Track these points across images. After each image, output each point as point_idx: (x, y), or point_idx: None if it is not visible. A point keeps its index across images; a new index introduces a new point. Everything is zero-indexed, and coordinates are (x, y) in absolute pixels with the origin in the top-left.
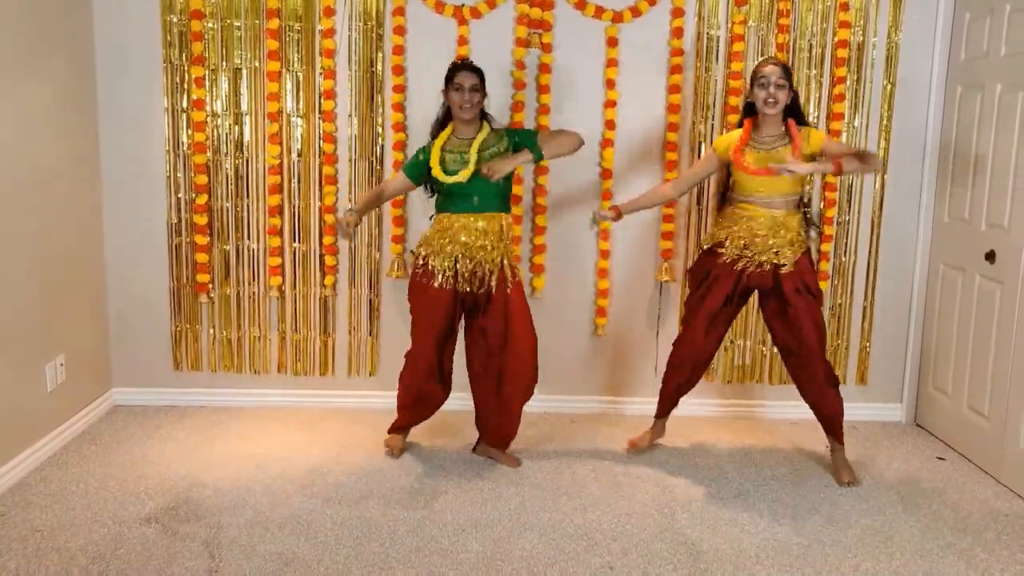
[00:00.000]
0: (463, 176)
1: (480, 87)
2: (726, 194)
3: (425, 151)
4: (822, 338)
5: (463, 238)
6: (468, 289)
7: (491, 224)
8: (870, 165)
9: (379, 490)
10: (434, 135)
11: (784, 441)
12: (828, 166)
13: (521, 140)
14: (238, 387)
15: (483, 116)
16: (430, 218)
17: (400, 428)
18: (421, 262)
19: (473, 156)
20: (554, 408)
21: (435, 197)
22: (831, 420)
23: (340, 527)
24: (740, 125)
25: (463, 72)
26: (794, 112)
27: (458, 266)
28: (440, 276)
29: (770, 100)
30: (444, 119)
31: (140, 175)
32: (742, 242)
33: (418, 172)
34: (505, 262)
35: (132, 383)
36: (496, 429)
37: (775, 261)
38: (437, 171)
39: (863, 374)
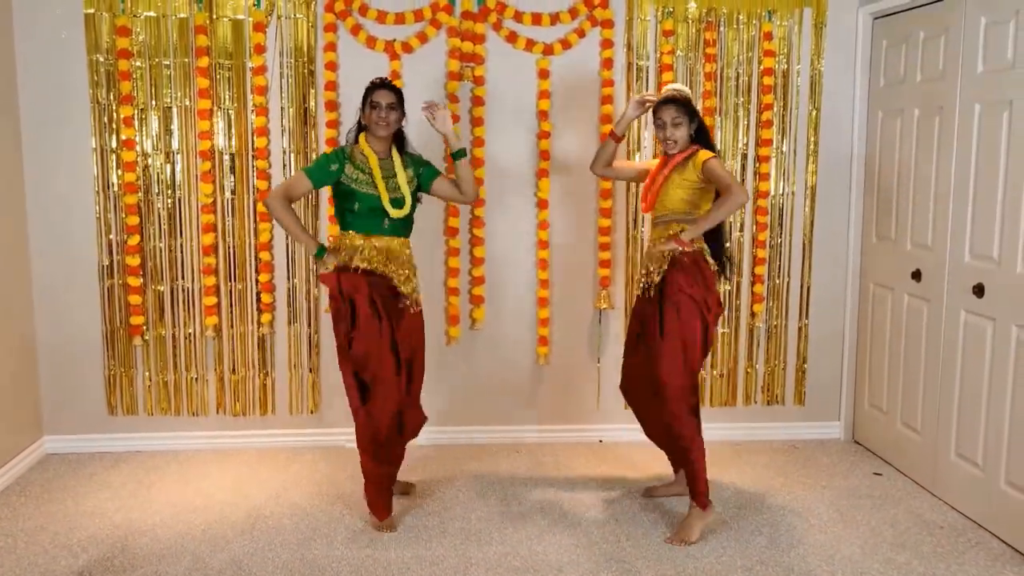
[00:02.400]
0: (405, 211)
1: (397, 106)
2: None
3: (338, 161)
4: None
5: (377, 258)
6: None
7: (402, 248)
8: (727, 205)
9: (322, 530)
10: (350, 154)
11: (726, 464)
12: (693, 232)
13: (424, 173)
14: (175, 430)
15: (399, 138)
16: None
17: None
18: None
19: (406, 190)
20: (497, 438)
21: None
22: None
23: (282, 570)
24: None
25: (380, 90)
26: (701, 139)
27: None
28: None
29: (669, 141)
30: (356, 137)
31: (69, 217)
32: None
33: (325, 181)
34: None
35: (65, 430)
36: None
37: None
38: (387, 203)
39: (801, 394)
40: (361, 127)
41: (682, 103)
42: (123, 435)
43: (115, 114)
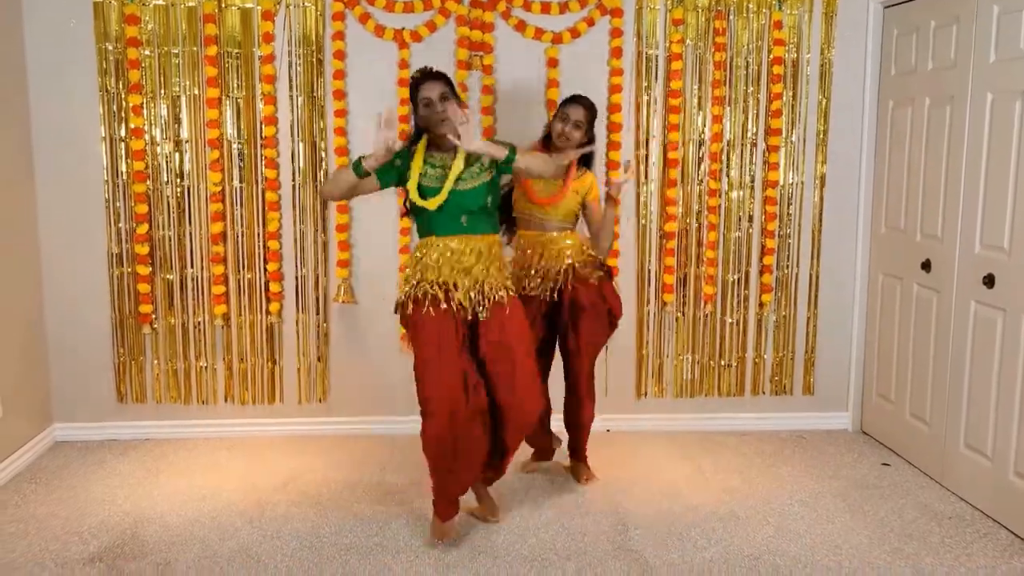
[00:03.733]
0: (438, 200)
1: (451, 93)
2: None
3: (401, 157)
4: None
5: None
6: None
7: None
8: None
9: (329, 519)
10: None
11: (734, 453)
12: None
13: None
14: (184, 418)
15: None
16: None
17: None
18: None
19: (455, 172)
20: None
21: (413, 217)
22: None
23: (291, 558)
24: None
25: (428, 82)
26: (584, 157)
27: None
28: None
29: (563, 136)
30: (416, 137)
31: (78, 205)
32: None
33: (388, 176)
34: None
35: (74, 418)
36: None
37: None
38: (414, 193)
39: (809, 384)
40: (420, 131)
41: (591, 109)
42: (132, 423)
43: (124, 102)
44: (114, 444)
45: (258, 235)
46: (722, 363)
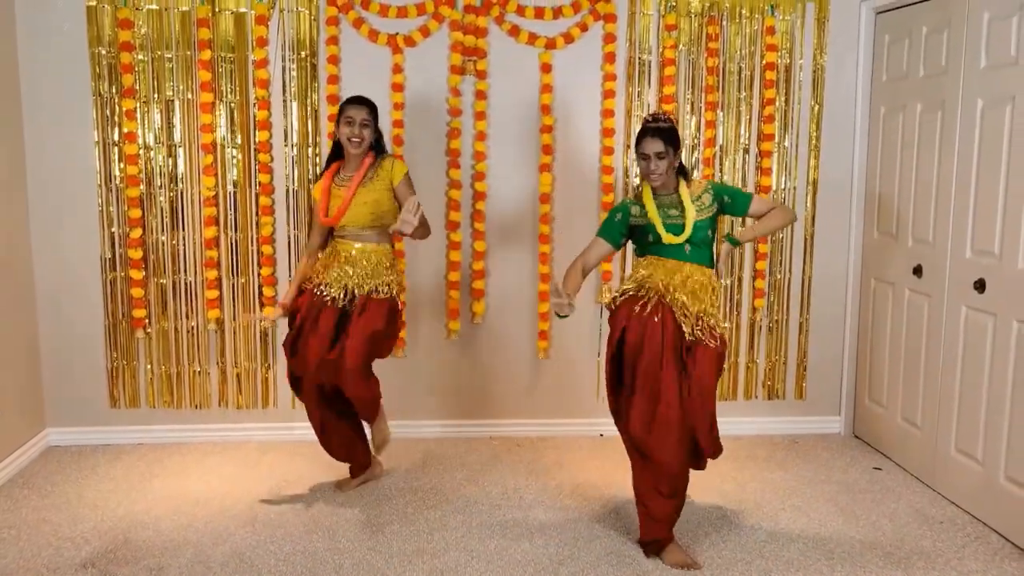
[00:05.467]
0: (683, 237)
1: (667, 152)
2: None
3: (623, 211)
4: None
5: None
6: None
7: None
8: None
9: (323, 523)
10: (636, 196)
11: (727, 457)
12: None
13: (732, 199)
14: (178, 423)
15: (683, 172)
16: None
17: None
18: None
19: (690, 213)
20: (498, 432)
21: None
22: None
23: (284, 563)
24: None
25: (648, 139)
26: (376, 146)
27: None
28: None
29: (354, 139)
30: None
31: (71, 210)
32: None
33: (618, 234)
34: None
35: (68, 423)
36: None
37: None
38: (666, 235)
39: (801, 389)
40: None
41: (370, 106)
42: (125, 428)
43: (117, 107)
44: (107, 449)
45: (252, 239)
46: None
